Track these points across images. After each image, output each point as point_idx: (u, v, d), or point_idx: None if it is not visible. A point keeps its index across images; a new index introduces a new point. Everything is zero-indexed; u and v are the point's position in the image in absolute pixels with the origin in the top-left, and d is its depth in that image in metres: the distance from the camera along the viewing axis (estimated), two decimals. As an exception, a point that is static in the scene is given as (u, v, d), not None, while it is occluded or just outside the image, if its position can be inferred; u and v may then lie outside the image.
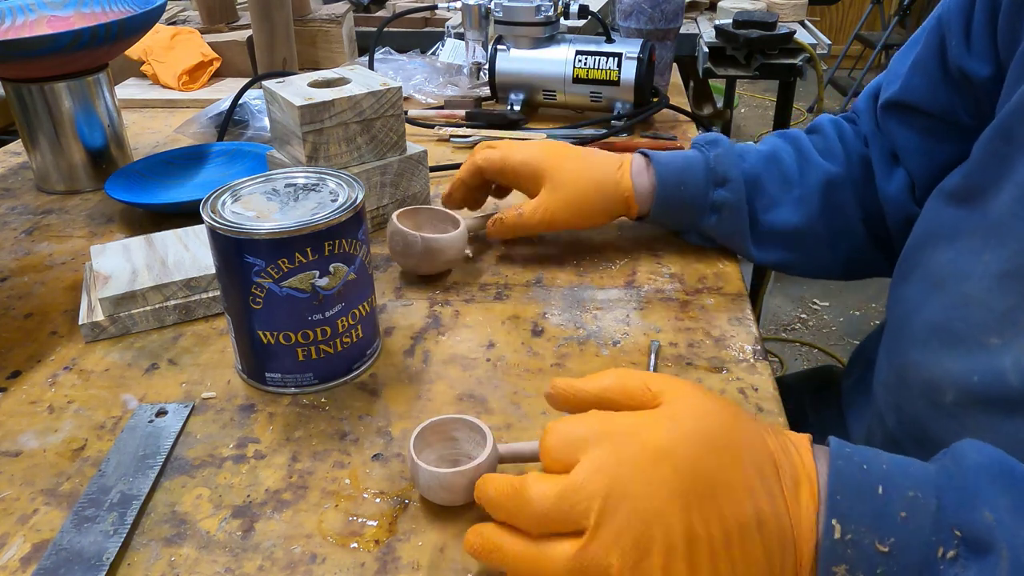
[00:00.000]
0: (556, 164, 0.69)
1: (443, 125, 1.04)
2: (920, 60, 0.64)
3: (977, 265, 0.51)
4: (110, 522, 0.45)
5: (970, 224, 0.53)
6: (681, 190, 0.69)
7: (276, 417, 0.54)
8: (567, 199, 0.69)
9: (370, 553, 0.44)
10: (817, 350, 2.30)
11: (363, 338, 0.57)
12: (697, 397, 0.40)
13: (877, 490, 0.37)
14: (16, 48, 0.76)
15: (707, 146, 0.71)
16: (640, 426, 0.39)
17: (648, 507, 0.36)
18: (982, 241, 0.52)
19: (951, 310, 0.53)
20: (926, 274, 0.57)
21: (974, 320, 0.50)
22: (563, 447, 0.39)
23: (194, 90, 1.20)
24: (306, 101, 0.69)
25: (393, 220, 0.68)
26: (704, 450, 0.38)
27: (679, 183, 0.69)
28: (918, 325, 0.56)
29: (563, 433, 0.40)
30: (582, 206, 0.69)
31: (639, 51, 0.99)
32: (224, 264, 0.53)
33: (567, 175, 0.69)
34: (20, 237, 0.80)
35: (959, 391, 0.50)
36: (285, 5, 1.13)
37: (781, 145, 0.73)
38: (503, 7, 1.03)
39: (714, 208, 0.69)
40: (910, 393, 0.55)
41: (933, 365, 0.53)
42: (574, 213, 0.69)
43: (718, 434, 0.38)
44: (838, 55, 4.08)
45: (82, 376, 0.59)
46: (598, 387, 0.42)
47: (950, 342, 0.52)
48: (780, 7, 1.85)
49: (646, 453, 0.37)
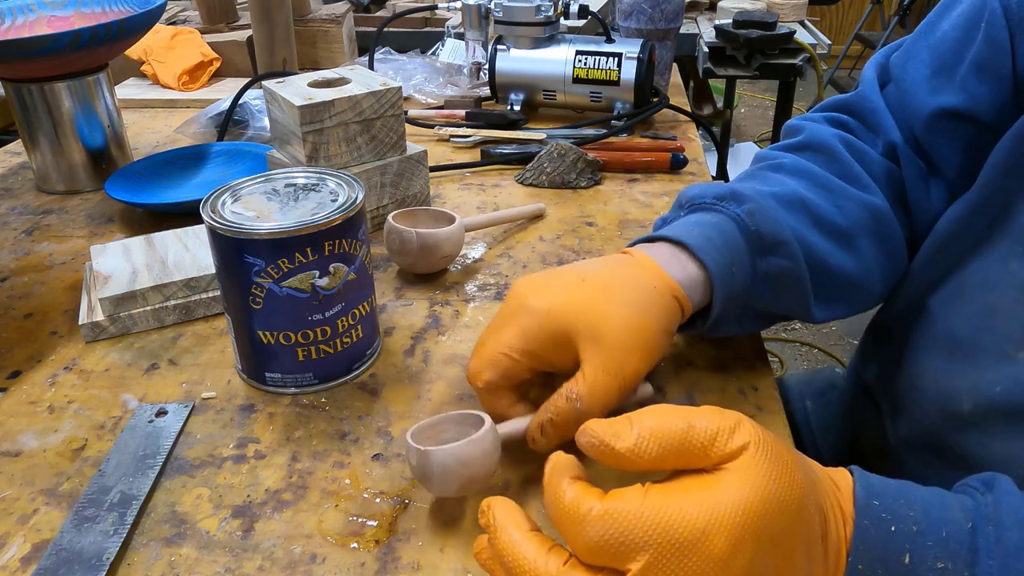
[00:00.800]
0: (579, 308, 0.46)
1: (443, 125, 1.04)
2: (987, 63, 0.54)
3: (1004, 274, 0.49)
4: (110, 522, 0.45)
5: (995, 233, 0.51)
6: (734, 271, 0.51)
7: (276, 417, 0.54)
8: (619, 347, 0.45)
9: (370, 553, 0.44)
10: (817, 350, 2.30)
11: (363, 338, 0.57)
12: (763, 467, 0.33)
13: (903, 560, 0.34)
14: (16, 48, 0.76)
15: (725, 203, 0.53)
16: (704, 531, 0.32)
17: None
18: (1008, 250, 0.49)
19: (976, 320, 0.50)
20: (950, 283, 0.54)
21: (1001, 331, 0.48)
22: (613, 547, 0.32)
23: (194, 90, 1.21)
24: (306, 101, 0.69)
25: (389, 219, 0.68)
26: (765, 550, 0.32)
27: (730, 262, 0.50)
28: (937, 334, 0.53)
29: (612, 529, 0.32)
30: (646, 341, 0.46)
31: (639, 51, 0.99)
32: (224, 264, 0.53)
33: (603, 318, 0.46)
34: (20, 237, 0.80)
35: (978, 402, 0.48)
36: (285, 5, 1.13)
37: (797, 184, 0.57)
38: (503, 7, 1.03)
39: (770, 279, 0.53)
40: (922, 400, 0.54)
41: (951, 374, 0.51)
42: (638, 356, 0.46)
43: (782, 529, 0.33)
44: (838, 55, 4.08)
45: (82, 376, 0.59)
46: (652, 456, 0.34)
47: (973, 352, 0.50)
48: (780, 7, 1.85)
49: (709, 565, 0.32)
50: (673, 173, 0.92)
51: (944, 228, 0.55)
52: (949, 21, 0.58)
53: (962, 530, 0.35)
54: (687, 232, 0.50)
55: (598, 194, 0.88)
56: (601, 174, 0.92)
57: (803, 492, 0.34)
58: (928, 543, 0.34)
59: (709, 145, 2.66)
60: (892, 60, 0.63)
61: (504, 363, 0.46)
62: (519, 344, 0.46)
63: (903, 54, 0.61)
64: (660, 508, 0.32)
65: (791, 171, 0.58)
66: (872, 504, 0.35)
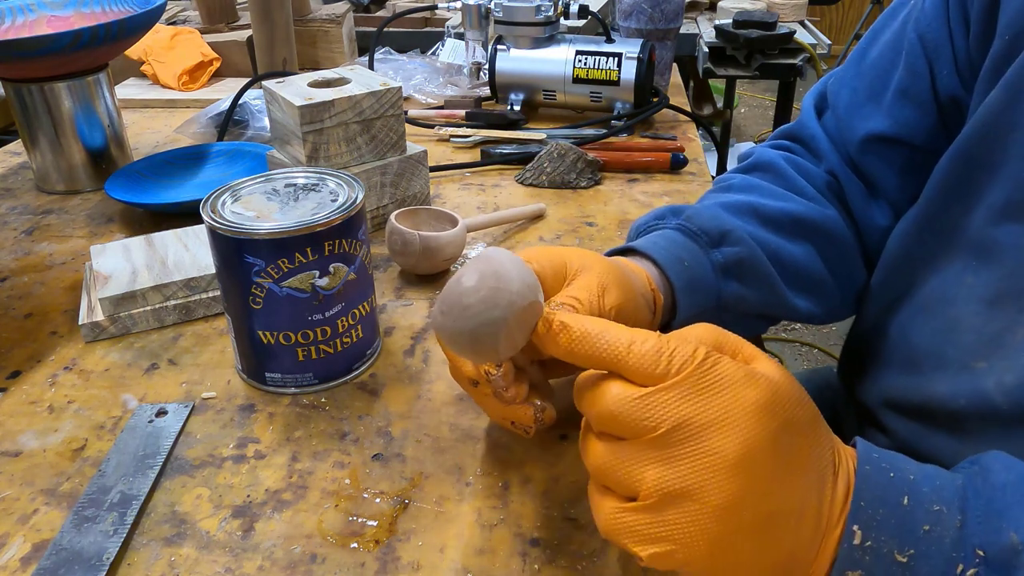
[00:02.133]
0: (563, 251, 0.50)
1: (443, 125, 1.04)
2: (908, 90, 0.57)
3: (960, 288, 0.51)
4: (110, 522, 0.45)
5: (946, 249, 0.53)
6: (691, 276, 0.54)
7: (276, 417, 0.54)
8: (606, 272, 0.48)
9: (370, 553, 0.44)
10: (817, 350, 2.30)
11: (363, 338, 0.57)
12: (791, 380, 0.37)
13: (902, 500, 0.36)
14: (16, 48, 0.76)
15: (670, 217, 0.58)
16: (744, 380, 0.35)
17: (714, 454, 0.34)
18: (962, 264, 0.51)
19: (940, 335, 0.52)
20: (911, 300, 0.56)
21: (964, 344, 0.50)
22: (671, 354, 0.35)
23: (194, 90, 1.21)
24: (306, 101, 0.69)
25: (391, 220, 0.68)
26: (788, 427, 0.36)
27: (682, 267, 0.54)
28: (907, 350, 0.55)
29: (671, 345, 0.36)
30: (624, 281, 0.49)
31: (639, 51, 0.99)
32: (224, 264, 0.53)
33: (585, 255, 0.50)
34: (20, 237, 0.80)
35: (947, 414, 0.50)
36: (285, 5, 1.13)
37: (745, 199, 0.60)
38: (503, 7, 1.03)
39: (725, 269, 0.56)
40: (899, 414, 0.55)
41: (924, 388, 0.52)
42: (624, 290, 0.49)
43: (804, 421, 0.37)
44: (838, 55, 4.07)
45: (82, 376, 0.59)
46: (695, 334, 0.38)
47: (937, 366, 0.52)
48: (780, 7, 1.85)
49: (743, 406, 0.35)
50: (673, 173, 0.92)
51: (896, 245, 0.58)
52: (877, 48, 0.61)
53: (953, 482, 0.37)
54: (636, 244, 0.56)
55: (598, 194, 0.88)
56: (601, 174, 0.92)
57: (814, 406, 0.38)
58: (924, 489, 0.37)
59: (709, 145, 2.66)
60: (828, 87, 0.65)
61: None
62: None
63: (837, 81, 0.64)
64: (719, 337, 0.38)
65: (740, 188, 0.62)
66: (872, 455, 0.38)
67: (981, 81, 0.51)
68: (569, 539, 0.44)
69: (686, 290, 0.54)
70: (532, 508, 0.46)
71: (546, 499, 0.47)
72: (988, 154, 0.49)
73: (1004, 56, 0.48)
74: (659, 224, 0.59)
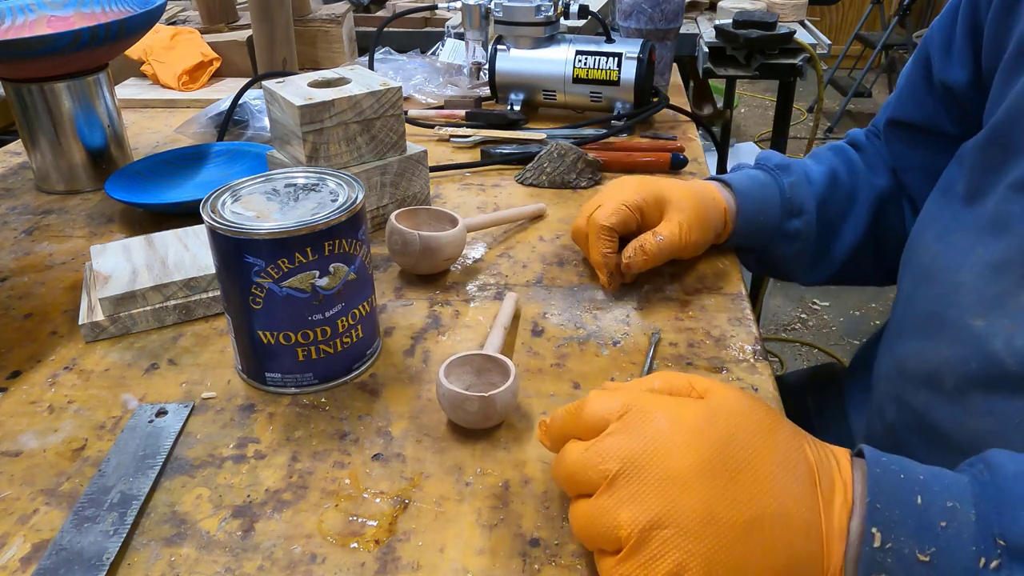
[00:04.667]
0: (670, 187, 0.68)
1: (443, 125, 1.04)
2: (909, 79, 0.69)
3: (968, 257, 0.53)
4: (110, 522, 0.45)
5: (964, 222, 0.55)
6: (760, 218, 0.71)
7: (276, 417, 0.54)
8: (695, 216, 0.66)
9: (370, 553, 0.44)
10: (817, 350, 2.30)
11: (363, 338, 0.57)
12: (739, 396, 0.40)
13: (916, 500, 0.37)
14: (16, 48, 0.76)
15: (779, 171, 0.72)
16: (677, 406, 0.39)
17: (668, 479, 0.36)
18: (975, 237, 0.53)
19: (943, 298, 0.54)
20: (919, 266, 0.59)
21: (963, 305, 0.52)
22: (599, 413, 0.40)
23: (194, 90, 1.20)
24: (306, 101, 0.69)
25: (391, 220, 0.68)
26: (735, 436, 0.38)
27: (759, 210, 0.70)
28: (913, 315, 0.58)
29: (601, 401, 0.41)
30: (705, 222, 0.67)
31: (639, 51, 0.99)
32: (224, 264, 0.53)
33: (685, 196, 0.67)
34: (20, 237, 0.80)
35: (959, 377, 0.51)
36: (285, 5, 1.13)
37: (836, 163, 0.74)
38: (503, 7, 1.03)
39: (788, 237, 0.71)
40: (910, 383, 0.56)
41: (931, 354, 0.54)
42: (703, 229, 0.67)
43: (752, 427, 0.39)
44: (838, 55, 4.08)
45: (82, 376, 0.59)
46: (646, 384, 0.43)
47: (940, 328, 0.53)
48: (780, 7, 1.85)
49: (677, 429, 0.38)
50: (673, 173, 0.92)
51: (922, 218, 0.62)
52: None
53: (961, 480, 0.38)
54: (740, 181, 0.71)
55: (598, 194, 0.87)
56: (601, 174, 0.92)
57: (778, 416, 0.40)
58: (935, 488, 0.37)
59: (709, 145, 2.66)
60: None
61: (623, 212, 0.66)
62: (635, 200, 0.66)
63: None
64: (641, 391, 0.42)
65: (839, 154, 0.77)
66: (880, 459, 0.39)
67: (1004, 67, 0.54)
68: (569, 539, 0.44)
69: (742, 223, 0.71)
70: (532, 508, 0.46)
71: (546, 499, 0.47)
72: (1017, 137, 0.51)
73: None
74: (773, 171, 0.73)
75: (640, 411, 0.39)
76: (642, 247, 0.64)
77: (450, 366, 0.53)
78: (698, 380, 0.42)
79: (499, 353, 0.55)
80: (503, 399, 0.50)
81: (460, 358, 0.54)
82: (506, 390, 0.50)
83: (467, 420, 0.51)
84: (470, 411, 0.50)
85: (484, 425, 0.51)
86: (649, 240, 0.65)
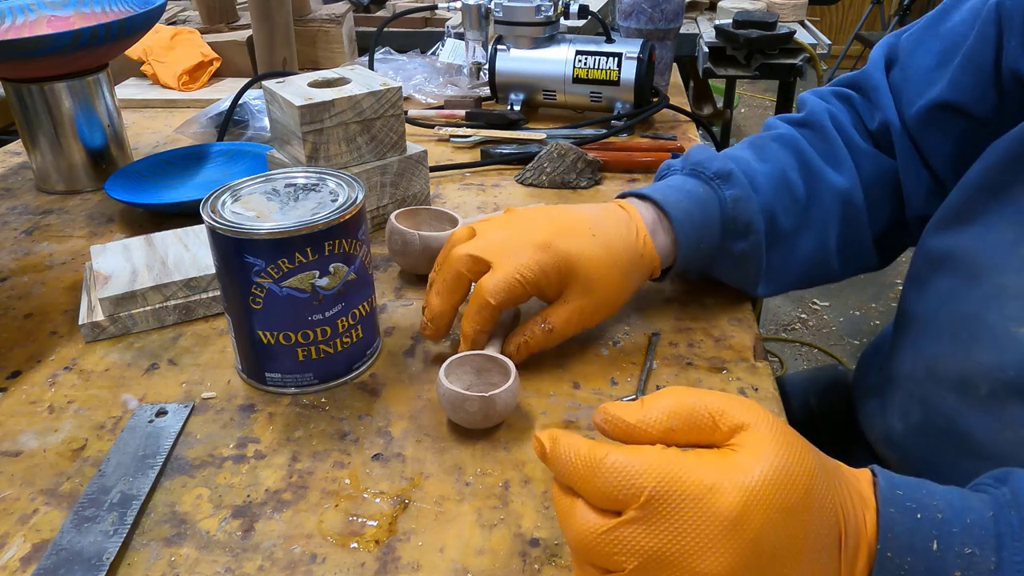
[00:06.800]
0: (586, 254, 0.56)
1: (443, 125, 1.04)
2: (973, 58, 0.57)
3: (1012, 257, 0.50)
4: (110, 522, 0.45)
5: (1001, 217, 0.52)
6: (700, 245, 0.61)
7: (276, 417, 0.54)
8: (602, 300, 0.57)
9: (370, 553, 0.44)
10: (817, 350, 2.30)
11: (363, 338, 0.57)
12: (778, 450, 0.34)
13: (931, 546, 0.34)
14: (16, 48, 0.76)
15: (719, 182, 0.62)
16: (710, 488, 0.33)
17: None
18: (1014, 234, 0.50)
19: (986, 301, 0.51)
20: (958, 266, 0.54)
21: (1007, 311, 0.49)
22: (619, 488, 0.34)
23: (194, 90, 1.20)
24: (306, 101, 0.69)
25: (391, 220, 0.68)
26: (774, 523, 0.33)
27: (699, 238, 0.61)
28: (949, 318, 0.54)
29: (622, 475, 0.34)
30: (619, 298, 0.58)
31: (639, 51, 0.99)
32: (224, 264, 0.53)
33: (598, 269, 0.56)
34: (20, 237, 0.80)
35: (994, 383, 0.49)
36: (285, 5, 1.13)
37: (786, 162, 0.65)
38: (503, 7, 1.03)
39: (731, 258, 0.63)
40: (939, 387, 0.54)
41: (964, 358, 0.51)
42: (612, 306, 0.58)
43: (792, 504, 0.33)
44: (838, 55, 4.08)
45: (82, 376, 0.59)
46: (662, 426, 0.36)
47: (980, 332, 0.51)
48: (780, 7, 1.85)
49: (713, 524, 0.33)
50: (673, 173, 0.92)
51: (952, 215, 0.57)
52: (959, 13, 0.61)
53: (984, 518, 0.35)
54: (676, 202, 0.60)
55: (598, 194, 0.88)
56: (601, 174, 0.92)
57: (813, 460, 0.35)
58: (954, 530, 0.35)
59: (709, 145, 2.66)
60: (902, 43, 0.66)
61: (516, 290, 0.54)
62: (532, 275, 0.54)
63: (912, 39, 0.65)
64: (674, 460, 0.34)
65: (789, 148, 0.66)
66: (896, 494, 0.36)
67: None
68: (569, 539, 0.44)
69: (681, 266, 0.62)
70: (532, 508, 0.46)
71: (546, 499, 0.47)
72: None
73: None
74: (712, 182, 0.62)
75: (665, 500, 0.33)
76: (527, 343, 0.56)
77: (450, 366, 0.53)
78: (722, 410, 0.36)
79: (499, 353, 0.55)
80: (503, 399, 0.50)
81: (460, 358, 0.54)
82: (506, 390, 0.50)
83: (467, 420, 0.51)
84: (470, 411, 0.50)
85: (484, 425, 0.51)
86: (535, 333, 0.56)
